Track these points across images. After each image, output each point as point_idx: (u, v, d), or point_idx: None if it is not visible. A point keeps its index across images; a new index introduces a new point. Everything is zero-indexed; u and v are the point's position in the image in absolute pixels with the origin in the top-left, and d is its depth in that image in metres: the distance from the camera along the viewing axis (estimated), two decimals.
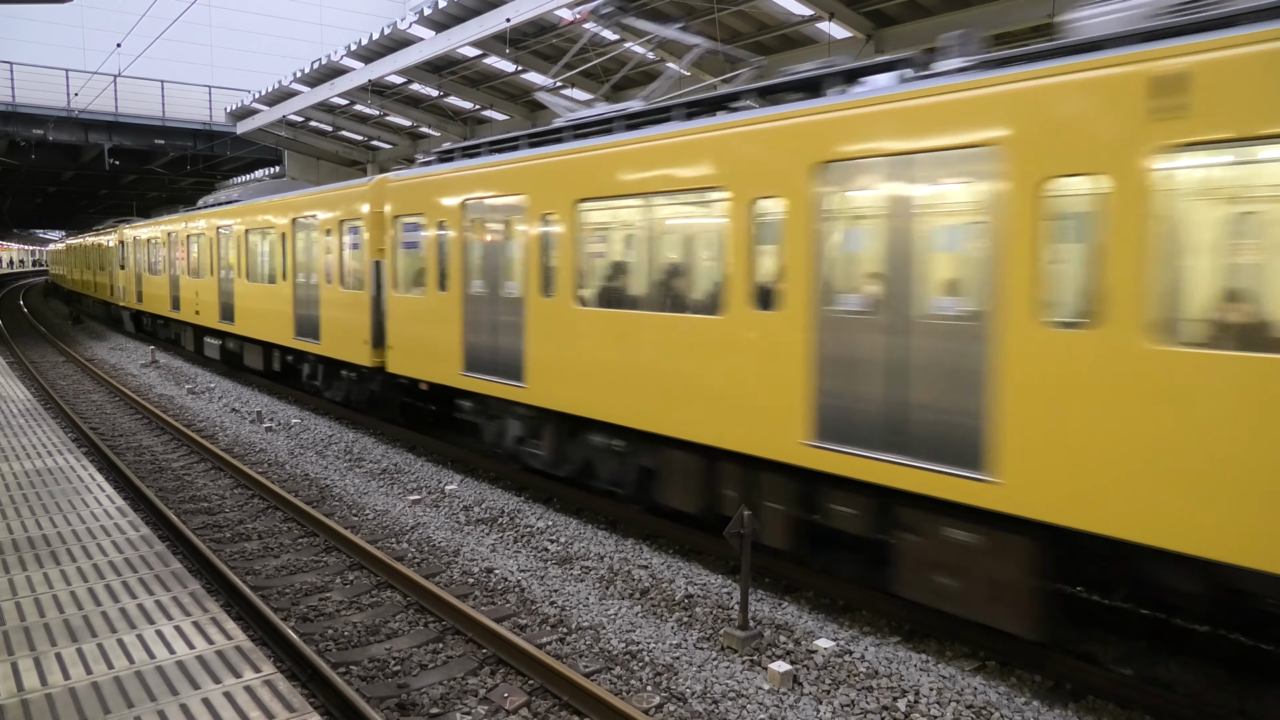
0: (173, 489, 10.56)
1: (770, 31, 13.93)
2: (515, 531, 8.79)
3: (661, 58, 14.80)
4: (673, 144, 7.49)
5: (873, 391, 5.99)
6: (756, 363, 6.81)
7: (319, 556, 8.22)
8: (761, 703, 5.42)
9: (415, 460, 11.80)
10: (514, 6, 14.21)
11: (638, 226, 8.46)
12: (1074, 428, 4.94)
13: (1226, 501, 4.36)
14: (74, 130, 28.71)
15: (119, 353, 24.94)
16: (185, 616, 4.56)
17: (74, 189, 43.38)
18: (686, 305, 7.84)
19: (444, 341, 10.65)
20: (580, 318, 8.55)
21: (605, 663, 6.01)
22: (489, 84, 19.12)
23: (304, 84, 22.75)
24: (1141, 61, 4.67)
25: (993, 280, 5.30)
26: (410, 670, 5.95)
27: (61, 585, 4.99)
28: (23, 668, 3.98)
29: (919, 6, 12.30)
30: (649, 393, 7.76)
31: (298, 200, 15.00)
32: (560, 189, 8.66)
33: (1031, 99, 5.12)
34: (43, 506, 6.57)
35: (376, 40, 18.23)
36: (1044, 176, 5.04)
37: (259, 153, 31.45)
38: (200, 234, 20.10)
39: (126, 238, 27.75)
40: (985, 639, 6.11)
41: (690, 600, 6.98)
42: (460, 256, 10.35)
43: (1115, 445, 4.77)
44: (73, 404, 16.57)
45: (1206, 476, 4.43)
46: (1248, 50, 4.31)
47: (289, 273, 15.20)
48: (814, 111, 6.34)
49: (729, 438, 7.04)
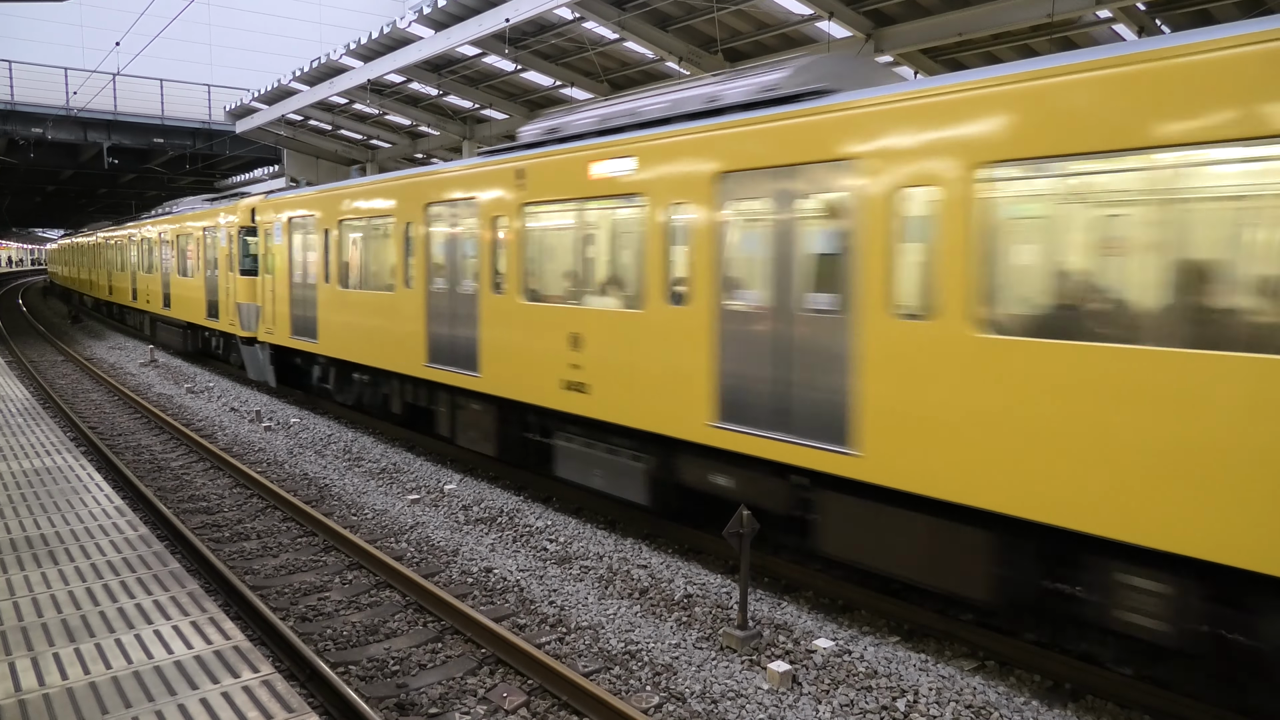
0: (171, 488, 10.55)
1: (770, 30, 13.91)
2: (514, 531, 8.78)
3: (661, 56, 14.79)
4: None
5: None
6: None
7: (318, 556, 8.21)
8: (761, 702, 5.42)
9: (414, 460, 11.80)
10: (513, 6, 14.17)
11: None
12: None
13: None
14: (73, 129, 28.66)
15: (118, 351, 24.92)
16: (184, 616, 4.55)
17: (73, 188, 43.32)
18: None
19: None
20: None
21: (604, 662, 6.00)
22: (488, 83, 19.09)
23: (303, 83, 22.70)
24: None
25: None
26: (409, 670, 5.94)
27: (59, 585, 4.98)
28: (20, 668, 3.97)
29: (918, 6, 12.28)
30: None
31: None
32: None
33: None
34: (41, 506, 6.56)
35: (376, 39, 18.19)
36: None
37: (258, 151, 31.41)
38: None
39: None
40: (985, 639, 6.11)
41: (689, 600, 6.98)
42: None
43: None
44: (71, 403, 16.56)
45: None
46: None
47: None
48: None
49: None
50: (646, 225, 7.68)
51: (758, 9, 13.27)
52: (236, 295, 17.46)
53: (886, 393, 5.88)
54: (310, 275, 14.37)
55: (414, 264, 11.19)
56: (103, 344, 27.13)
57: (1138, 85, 4.65)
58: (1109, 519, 4.80)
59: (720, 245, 7.10)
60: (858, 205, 6.05)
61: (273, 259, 15.89)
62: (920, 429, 5.68)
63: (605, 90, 17.72)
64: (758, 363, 6.82)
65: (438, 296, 10.85)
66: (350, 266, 13.22)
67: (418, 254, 11.11)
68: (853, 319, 6.09)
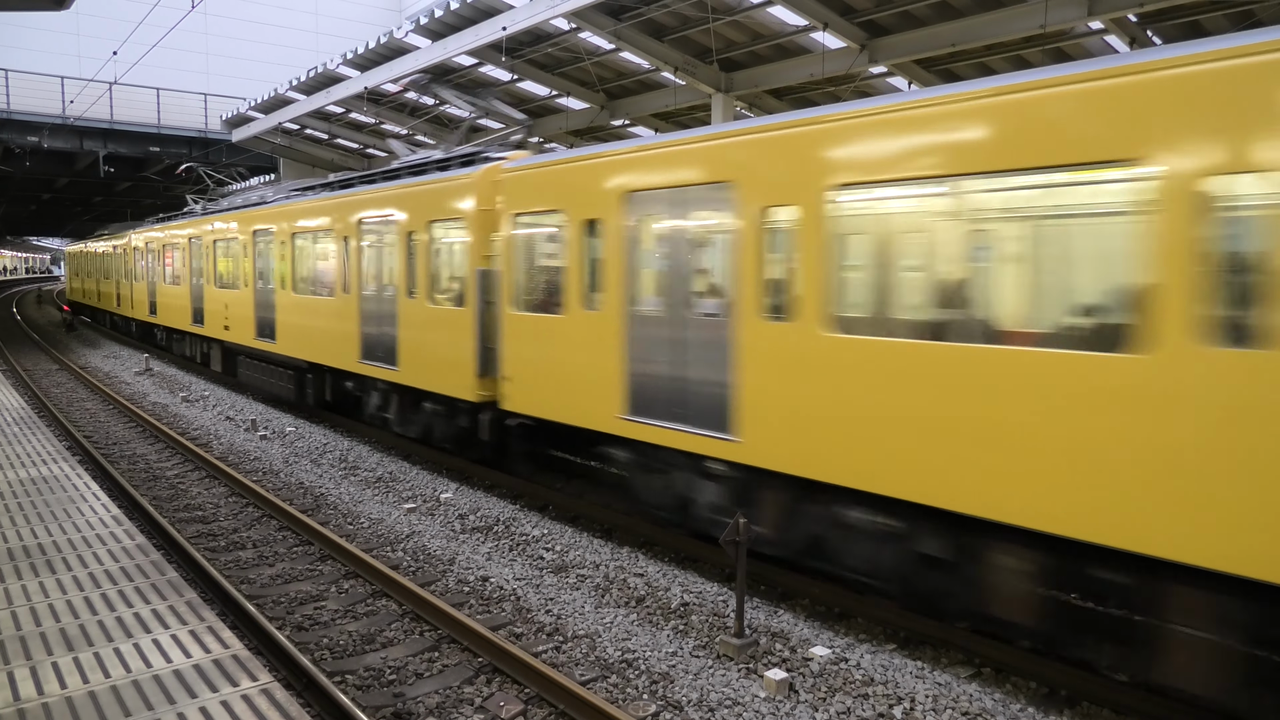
0: (167, 497, 10.54)
1: (765, 41, 14.01)
2: (511, 540, 8.79)
3: (656, 66, 14.86)
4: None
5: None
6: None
7: (314, 565, 8.21)
8: (758, 710, 5.43)
9: (410, 469, 11.80)
10: (510, 16, 14.26)
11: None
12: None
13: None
14: (69, 137, 28.66)
15: (113, 360, 24.88)
16: (181, 625, 4.56)
17: (68, 196, 43.28)
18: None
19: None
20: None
21: (601, 671, 6.01)
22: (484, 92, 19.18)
23: (300, 92, 22.77)
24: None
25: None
26: (406, 679, 5.94)
27: (57, 594, 4.99)
28: (19, 677, 3.98)
29: (912, 17, 12.38)
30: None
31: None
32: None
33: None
34: (37, 515, 6.56)
35: (373, 49, 18.27)
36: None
37: (254, 160, 31.44)
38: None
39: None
40: (981, 646, 6.13)
41: (686, 608, 6.99)
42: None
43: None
44: (66, 412, 16.52)
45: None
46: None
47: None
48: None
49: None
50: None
51: (753, 20, 13.36)
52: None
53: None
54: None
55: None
56: (97, 352, 27.08)
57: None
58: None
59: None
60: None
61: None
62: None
63: (601, 100, 17.81)
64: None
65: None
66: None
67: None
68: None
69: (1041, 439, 5.06)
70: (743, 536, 6.21)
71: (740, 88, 15.31)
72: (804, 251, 6.33)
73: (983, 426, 5.37)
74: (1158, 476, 4.58)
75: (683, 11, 13.27)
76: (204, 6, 35.45)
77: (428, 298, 10.99)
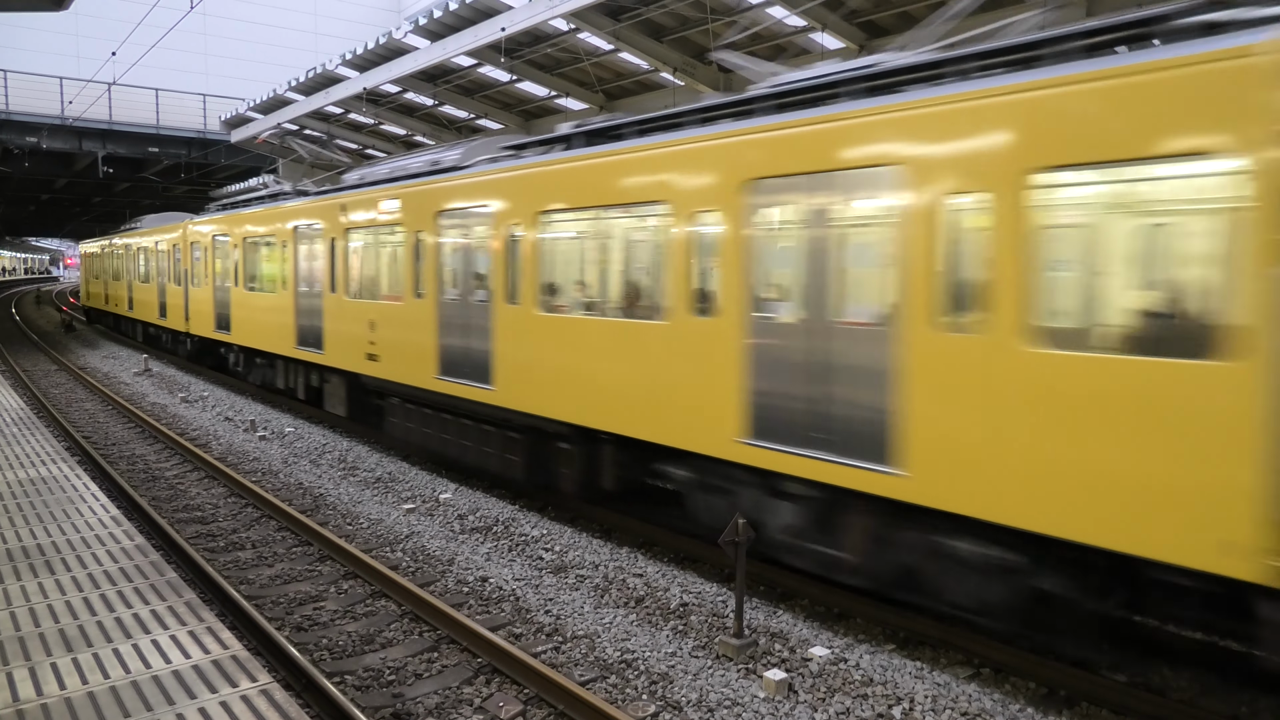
0: (166, 498, 10.53)
1: (764, 42, 14.02)
2: (510, 540, 8.79)
3: (655, 67, 14.86)
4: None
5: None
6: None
7: (313, 566, 8.21)
8: (757, 711, 5.43)
9: (409, 469, 11.80)
10: (509, 16, 14.27)
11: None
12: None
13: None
14: (68, 138, 28.65)
15: (112, 361, 24.86)
16: (181, 626, 4.56)
17: (67, 197, 43.24)
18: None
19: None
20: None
21: (600, 671, 6.01)
22: (484, 93, 19.17)
23: (299, 92, 22.78)
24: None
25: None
26: (405, 680, 5.94)
27: (56, 595, 4.98)
28: (18, 678, 3.97)
29: (910, 18, 12.39)
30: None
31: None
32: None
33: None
34: (36, 516, 6.56)
35: (371, 50, 18.28)
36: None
37: (253, 160, 31.43)
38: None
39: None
40: (980, 646, 6.14)
41: (685, 609, 7.00)
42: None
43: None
44: (65, 413, 16.52)
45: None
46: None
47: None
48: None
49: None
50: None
51: (751, 21, 13.37)
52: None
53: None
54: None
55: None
56: (96, 353, 27.06)
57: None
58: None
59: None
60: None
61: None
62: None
63: (600, 100, 17.81)
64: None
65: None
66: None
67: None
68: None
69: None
70: (742, 537, 6.20)
71: (740, 88, 15.31)
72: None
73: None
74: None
75: (681, 12, 13.28)
76: (203, 7, 35.44)
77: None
